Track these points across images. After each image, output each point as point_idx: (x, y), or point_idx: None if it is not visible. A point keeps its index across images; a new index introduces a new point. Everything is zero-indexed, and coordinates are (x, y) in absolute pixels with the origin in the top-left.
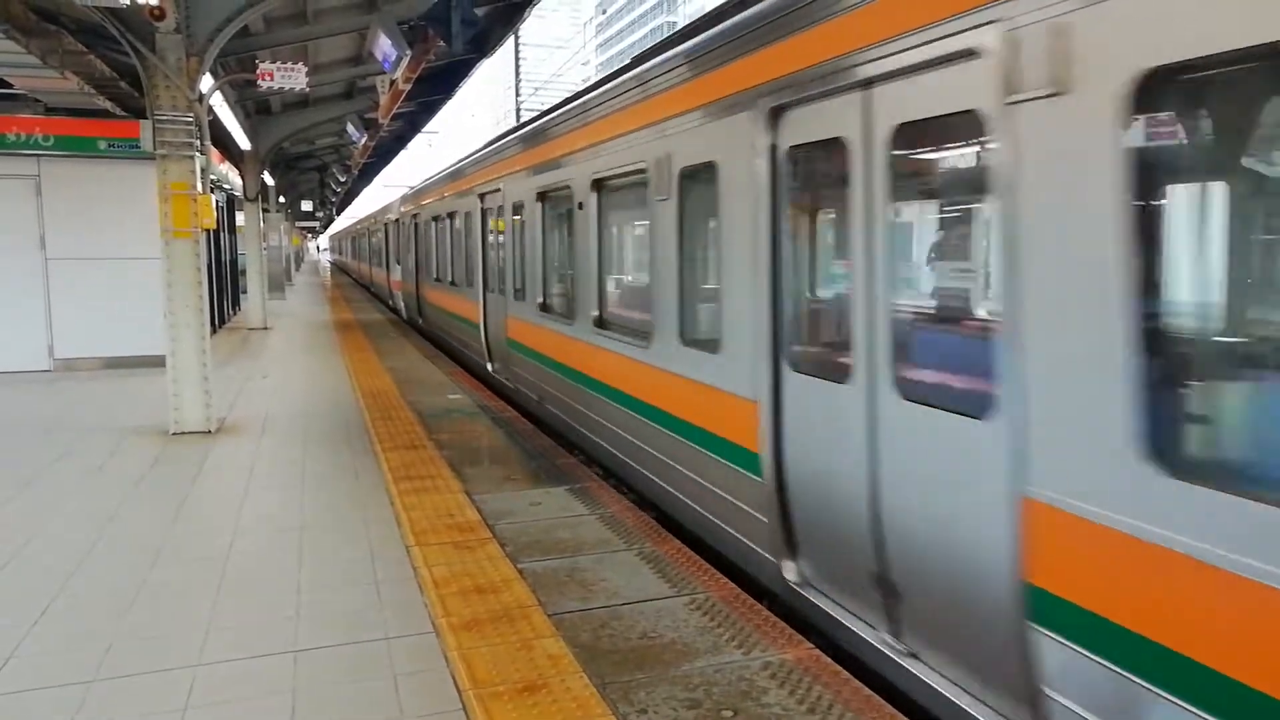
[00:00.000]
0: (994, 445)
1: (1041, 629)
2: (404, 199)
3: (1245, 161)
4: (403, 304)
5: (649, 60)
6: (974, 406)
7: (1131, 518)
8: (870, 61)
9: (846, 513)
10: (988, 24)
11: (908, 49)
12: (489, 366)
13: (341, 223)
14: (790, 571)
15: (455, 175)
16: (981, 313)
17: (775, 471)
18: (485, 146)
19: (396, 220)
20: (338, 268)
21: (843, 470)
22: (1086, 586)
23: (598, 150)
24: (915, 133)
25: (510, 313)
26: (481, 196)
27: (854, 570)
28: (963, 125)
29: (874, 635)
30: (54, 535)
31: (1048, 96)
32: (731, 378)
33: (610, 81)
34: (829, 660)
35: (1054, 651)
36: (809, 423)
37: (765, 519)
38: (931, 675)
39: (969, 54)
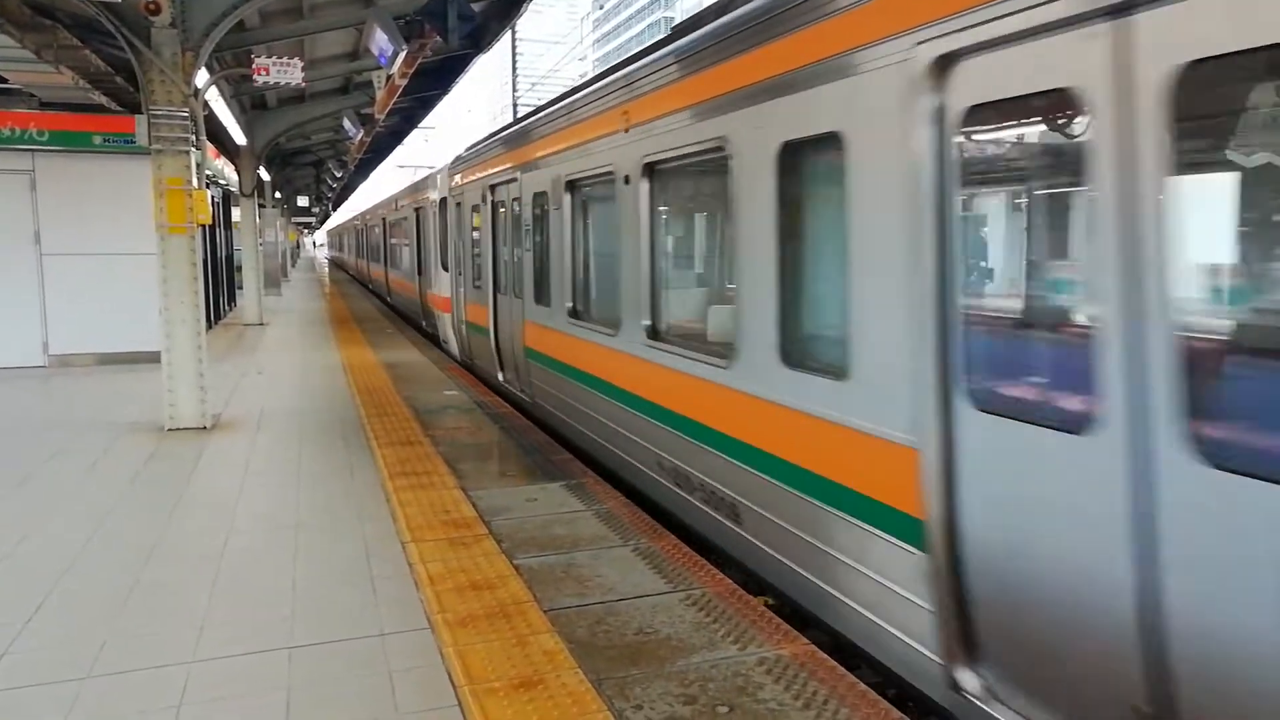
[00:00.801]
0: None
1: None
2: (459, 164)
3: None
4: (460, 332)
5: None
6: None
7: None
8: None
9: (1083, 611)
10: None
11: None
12: (500, 376)
13: (343, 215)
14: (969, 680)
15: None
16: None
17: (946, 543)
18: (498, 133)
19: (436, 203)
20: (337, 265)
21: (1077, 553)
22: None
23: (650, 128)
24: (1218, 72)
25: (528, 317)
26: (492, 188)
27: (1088, 692)
28: None
29: None
30: (48, 532)
31: None
32: (870, 413)
33: (669, 44)
34: (824, 656)
35: None
36: (1007, 482)
37: (927, 606)
38: None
39: None
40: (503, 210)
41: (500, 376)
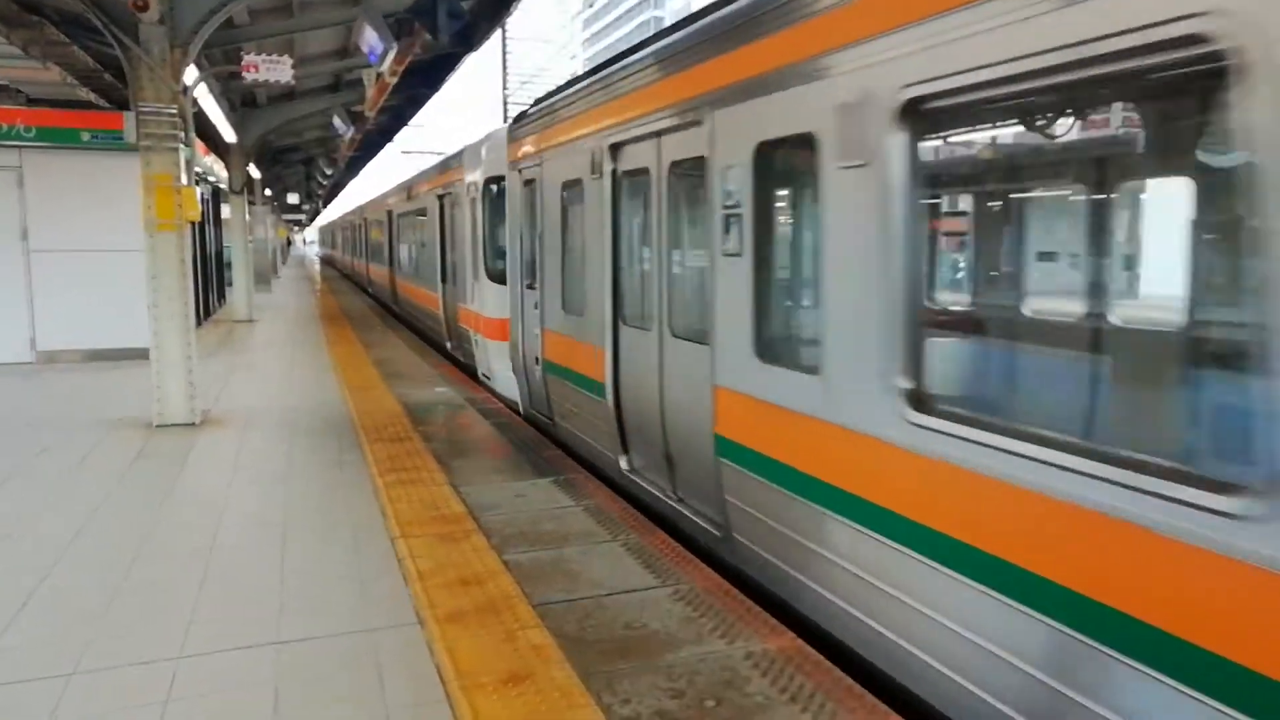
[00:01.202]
0: None
1: None
2: (527, 124)
3: None
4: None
5: None
6: None
7: None
8: None
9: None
10: None
11: None
12: (624, 463)
13: (340, 207)
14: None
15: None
16: None
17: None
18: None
19: (476, 185)
20: (330, 265)
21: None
22: None
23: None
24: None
25: (739, 387)
26: (616, 149)
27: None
28: None
29: None
30: (35, 529)
31: None
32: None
33: None
34: (811, 650)
35: None
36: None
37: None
38: None
39: None
40: (648, 183)
41: (626, 464)
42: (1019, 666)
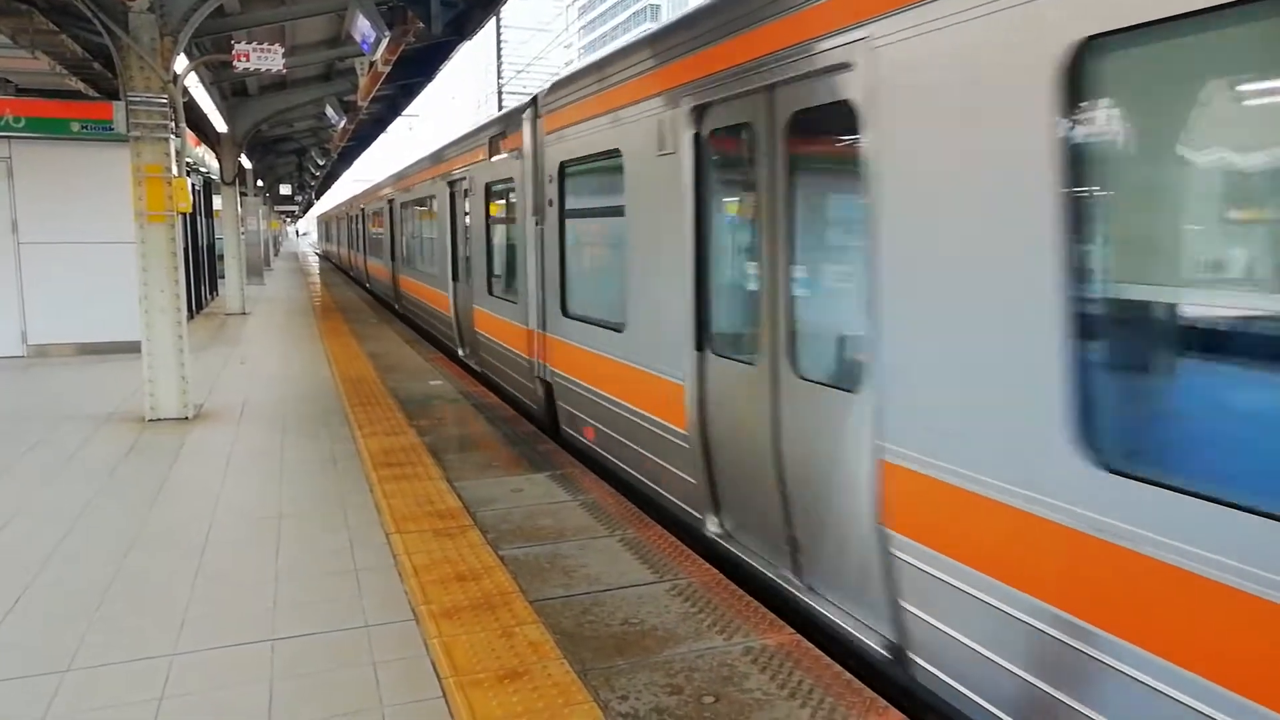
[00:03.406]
0: None
1: None
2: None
3: None
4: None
5: None
6: None
7: None
8: None
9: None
10: None
11: None
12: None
13: (340, 194)
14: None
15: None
16: None
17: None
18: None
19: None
20: (327, 259)
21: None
22: None
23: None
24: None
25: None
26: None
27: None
28: None
29: None
30: (27, 524)
31: None
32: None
33: None
34: (810, 645)
35: None
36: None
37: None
38: None
39: None
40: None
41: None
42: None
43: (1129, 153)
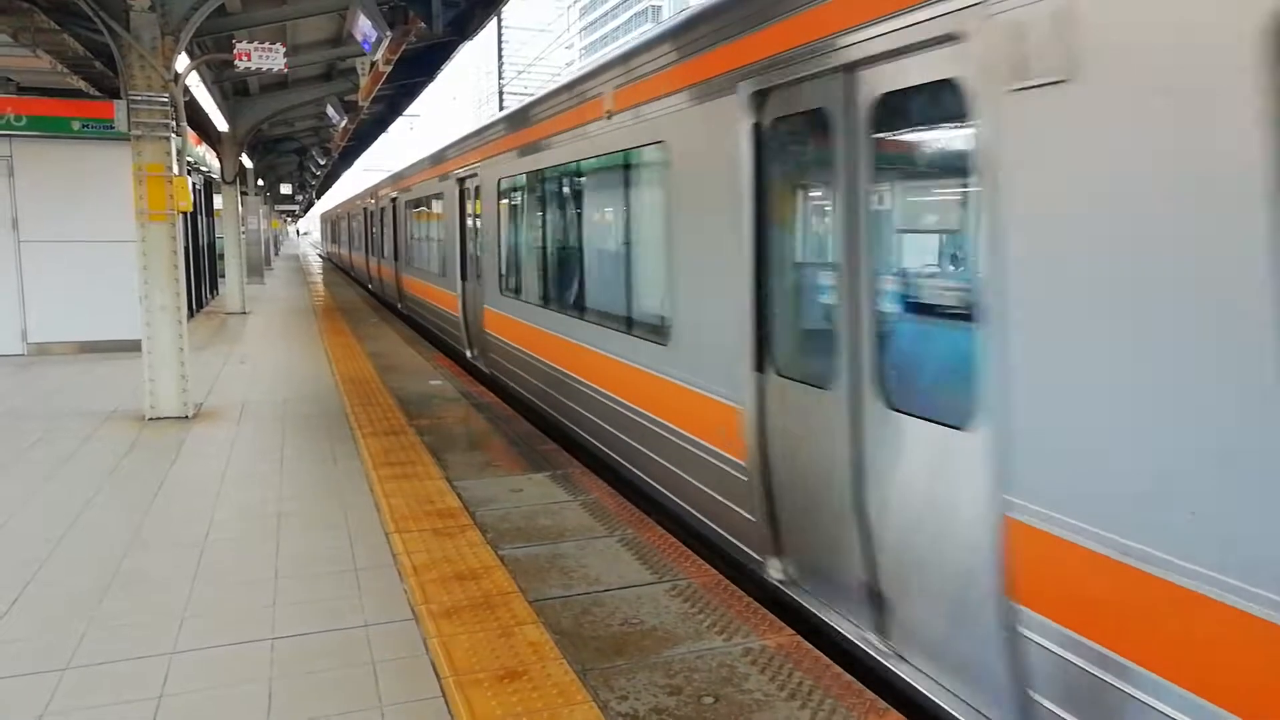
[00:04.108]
0: None
1: None
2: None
3: None
4: None
5: None
6: None
7: None
8: None
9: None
10: None
11: None
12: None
13: (348, 188)
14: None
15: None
16: None
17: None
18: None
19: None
20: (332, 263)
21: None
22: None
23: None
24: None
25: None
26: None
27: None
28: None
29: None
30: (27, 523)
31: None
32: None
33: None
34: (810, 646)
35: None
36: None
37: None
38: None
39: None
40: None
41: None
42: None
43: None
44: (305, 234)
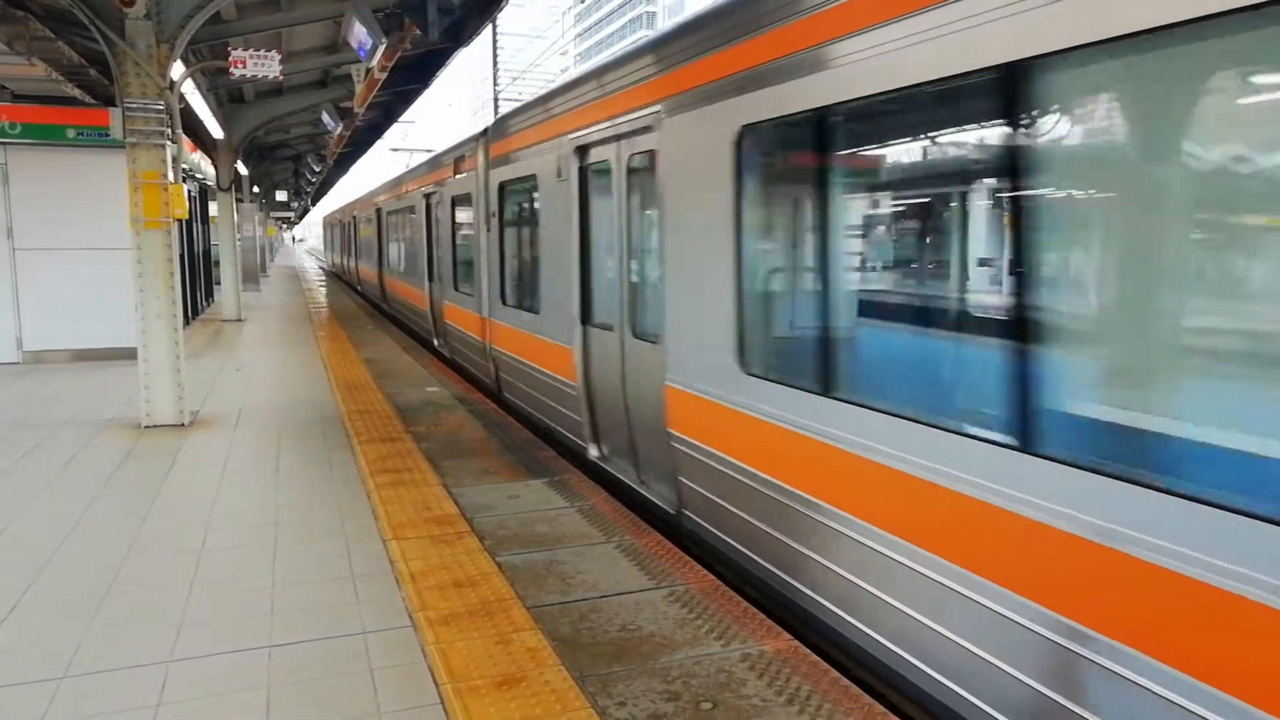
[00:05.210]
0: None
1: None
2: None
3: None
4: None
5: None
6: None
7: None
8: None
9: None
10: None
11: None
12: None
13: (353, 189)
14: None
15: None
16: None
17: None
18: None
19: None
20: (336, 276)
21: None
22: None
23: None
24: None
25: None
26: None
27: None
28: None
29: None
30: (23, 531)
31: None
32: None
33: None
34: (807, 651)
35: None
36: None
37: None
38: None
39: None
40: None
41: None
42: None
43: None
44: (301, 240)
